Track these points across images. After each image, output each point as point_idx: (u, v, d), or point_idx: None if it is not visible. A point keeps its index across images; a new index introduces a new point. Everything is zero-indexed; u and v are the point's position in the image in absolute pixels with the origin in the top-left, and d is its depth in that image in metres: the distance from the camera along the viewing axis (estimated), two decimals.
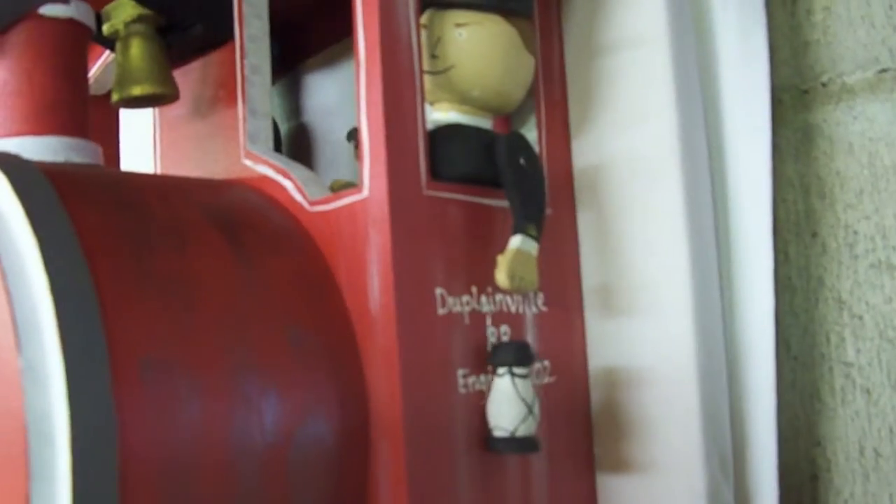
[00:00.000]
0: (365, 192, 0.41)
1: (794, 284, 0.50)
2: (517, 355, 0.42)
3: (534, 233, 0.42)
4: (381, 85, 0.40)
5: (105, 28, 0.49)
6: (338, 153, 0.60)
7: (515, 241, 0.42)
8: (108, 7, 0.49)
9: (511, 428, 0.41)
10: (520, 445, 0.41)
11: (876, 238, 0.47)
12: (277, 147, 0.60)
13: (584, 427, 0.48)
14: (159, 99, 0.49)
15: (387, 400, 0.40)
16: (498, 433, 0.41)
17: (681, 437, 0.45)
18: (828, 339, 0.49)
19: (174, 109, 0.52)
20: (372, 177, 0.40)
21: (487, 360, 0.43)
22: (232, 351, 0.37)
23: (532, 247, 0.42)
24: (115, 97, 0.48)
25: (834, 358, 0.49)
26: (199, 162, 0.50)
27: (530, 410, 0.41)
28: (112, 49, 0.49)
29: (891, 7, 0.47)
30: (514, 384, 0.41)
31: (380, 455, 0.40)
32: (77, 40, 0.46)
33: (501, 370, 0.42)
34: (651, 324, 0.46)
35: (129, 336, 0.35)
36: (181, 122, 0.52)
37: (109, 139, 0.60)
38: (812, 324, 0.49)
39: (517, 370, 0.41)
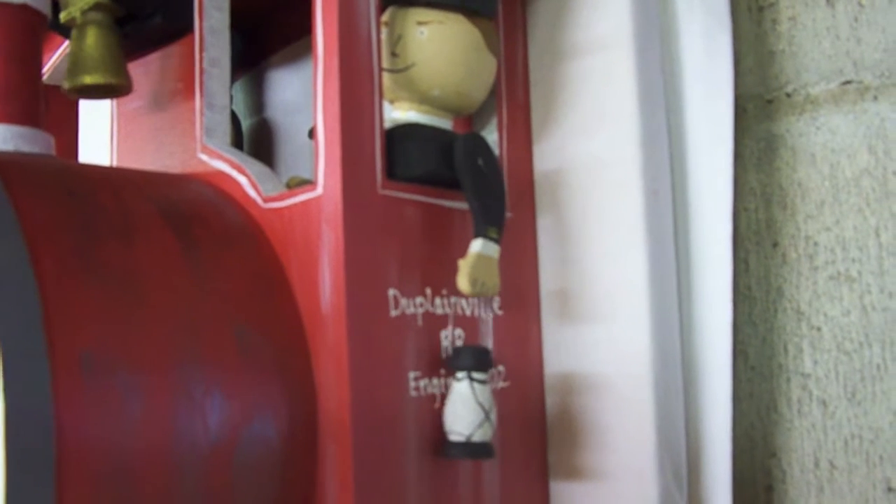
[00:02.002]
0: (319, 190, 0.40)
1: (754, 294, 0.50)
2: (477, 360, 0.41)
3: (495, 236, 0.42)
4: (338, 81, 0.40)
5: (62, 16, 0.48)
6: (300, 150, 0.59)
7: (476, 245, 0.41)
8: None
9: (467, 433, 0.41)
10: (474, 451, 0.41)
11: (836, 250, 0.47)
12: (239, 143, 0.59)
13: (538, 433, 0.47)
14: (112, 90, 0.48)
15: (335, 402, 0.39)
16: (453, 438, 0.41)
17: (635, 446, 0.45)
18: (786, 350, 0.49)
19: (132, 101, 0.51)
20: (326, 174, 0.40)
21: (447, 363, 0.42)
22: (177, 348, 0.36)
23: (493, 250, 0.42)
24: (66, 85, 0.47)
25: (791, 369, 0.48)
26: (155, 155, 0.49)
27: (487, 416, 0.41)
28: (68, 37, 0.48)
29: (856, 19, 0.47)
30: (472, 389, 0.41)
31: (327, 458, 0.39)
32: (31, 27, 0.45)
33: (460, 374, 0.41)
34: (608, 331, 0.46)
35: (70, 329, 0.34)
36: (139, 114, 0.51)
37: (68, 130, 0.59)
38: (770, 334, 0.49)
39: (476, 375, 0.41)
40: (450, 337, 0.43)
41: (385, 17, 0.44)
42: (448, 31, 0.43)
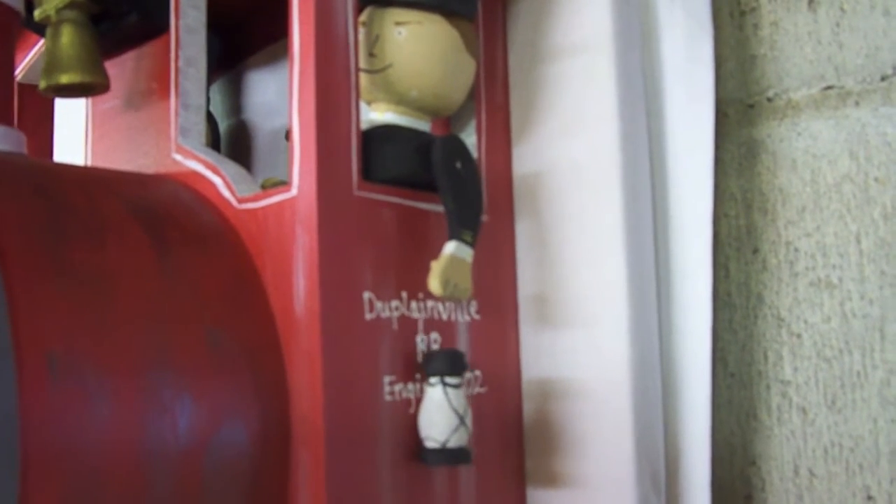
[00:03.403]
0: (294, 191, 0.39)
1: (734, 301, 0.49)
2: (450, 364, 0.41)
3: (469, 239, 0.41)
4: (314, 81, 0.39)
5: (36, 13, 0.47)
6: (278, 152, 0.58)
7: (450, 247, 0.41)
8: None
9: (442, 439, 0.40)
10: (451, 457, 0.40)
11: (816, 256, 0.47)
12: (216, 145, 0.59)
13: (515, 439, 0.47)
14: (88, 88, 0.47)
15: (309, 406, 0.38)
16: (429, 444, 0.40)
17: (613, 452, 0.44)
18: (765, 357, 0.48)
19: (107, 101, 0.50)
20: (301, 175, 0.39)
21: (421, 368, 0.42)
22: (147, 350, 0.36)
23: (467, 253, 0.41)
24: (42, 84, 0.46)
25: (771, 376, 0.48)
26: (130, 155, 0.49)
27: (462, 421, 0.40)
28: (43, 35, 0.47)
29: (837, 24, 0.47)
30: (445, 394, 0.40)
31: (299, 463, 0.39)
32: (3, 24, 0.44)
33: (433, 379, 0.41)
34: (586, 336, 0.45)
35: (37, 330, 0.33)
36: (113, 113, 0.50)
37: (43, 129, 0.59)
38: (750, 341, 0.49)
39: (449, 380, 0.40)
40: (425, 341, 0.42)
41: (363, 17, 0.43)
42: (426, 32, 0.43)
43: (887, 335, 0.45)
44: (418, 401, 0.41)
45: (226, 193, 0.43)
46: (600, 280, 0.45)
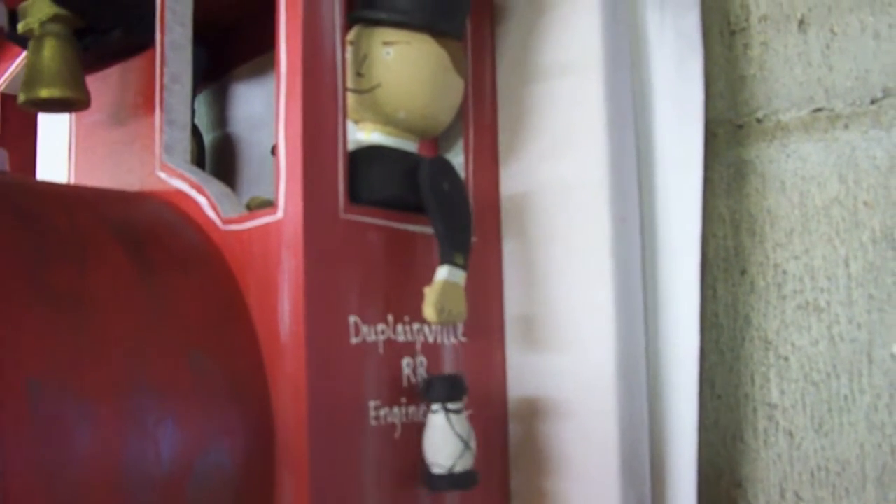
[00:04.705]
0: (279, 213, 0.39)
1: (721, 322, 0.49)
2: (451, 390, 0.41)
3: (461, 261, 0.41)
4: (301, 102, 0.39)
5: (20, 26, 0.47)
6: (263, 166, 0.58)
7: (442, 272, 0.40)
8: (24, 4, 0.47)
9: (448, 465, 0.40)
10: (458, 481, 0.40)
11: (804, 279, 0.47)
12: (201, 158, 0.58)
13: (501, 460, 0.47)
14: (68, 104, 0.47)
15: (293, 431, 0.38)
16: (436, 470, 0.40)
17: (599, 473, 0.44)
18: (752, 380, 0.48)
19: (91, 115, 0.50)
20: (287, 197, 0.39)
21: (421, 395, 0.41)
22: (129, 375, 0.35)
23: (459, 277, 0.41)
24: (21, 98, 0.46)
25: (758, 399, 0.48)
26: (114, 172, 0.48)
27: (466, 445, 0.40)
28: (26, 48, 0.47)
29: (827, 46, 0.47)
30: (448, 420, 0.40)
31: (284, 487, 0.38)
32: None
33: (435, 406, 0.41)
34: (573, 357, 0.45)
35: (18, 354, 0.33)
36: (97, 128, 0.50)
37: (26, 142, 0.58)
38: (737, 363, 0.49)
39: (451, 405, 0.40)
40: (411, 365, 0.42)
41: (350, 36, 0.43)
42: (414, 52, 0.42)
43: (875, 359, 0.44)
44: (404, 425, 0.41)
45: (210, 214, 0.42)
46: (587, 301, 0.45)
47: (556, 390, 0.46)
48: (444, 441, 0.40)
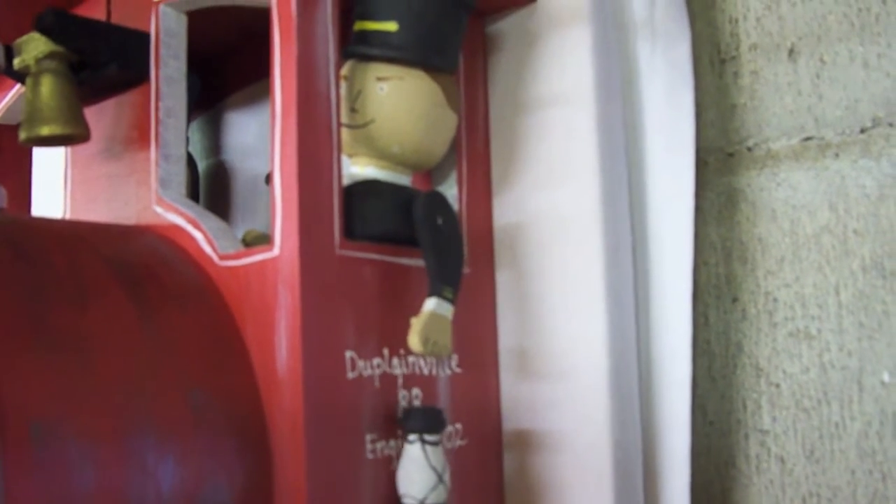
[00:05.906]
0: (276, 251, 0.39)
1: (713, 349, 0.50)
2: (428, 422, 0.41)
3: (450, 295, 0.41)
4: (296, 139, 0.39)
5: (15, 63, 0.47)
6: (256, 193, 0.58)
7: (430, 304, 0.41)
8: (19, 41, 0.47)
9: (420, 497, 0.40)
10: None
11: (795, 306, 0.47)
12: (195, 186, 0.59)
13: (495, 491, 0.47)
14: (69, 139, 0.47)
15: (291, 467, 0.38)
16: (407, 501, 0.40)
17: (593, 502, 0.44)
18: (744, 406, 0.49)
19: (86, 148, 0.50)
20: (283, 235, 0.39)
21: (398, 425, 0.42)
22: (129, 415, 0.36)
23: (447, 310, 0.41)
24: (22, 136, 0.46)
25: (750, 425, 0.48)
26: (110, 205, 0.48)
27: (440, 478, 0.40)
28: (23, 83, 0.47)
29: (817, 76, 0.47)
30: (424, 451, 0.40)
31: None
32: None
33: (412, 437, 0.41)
34: (566, 388, 0.45)
35: (21, 398, 0.33)
36: (93, 161, 0.50)
37: (21, 169, 0.58)
38: (729, 390, 0.49)
39: (428, 437, 0.40)
40: (407, 397, 0.42)
41: (344, 71, 0.43)
42: (408, 88, 0.43)
43: (865, 387, 0.45)
44: (400, 457, 0.41)
45: (207, 249, 0.42)
46: (581, 331, 0.45)
47: (550, 420, 0.46)
48: (419, 473, 0.40)
